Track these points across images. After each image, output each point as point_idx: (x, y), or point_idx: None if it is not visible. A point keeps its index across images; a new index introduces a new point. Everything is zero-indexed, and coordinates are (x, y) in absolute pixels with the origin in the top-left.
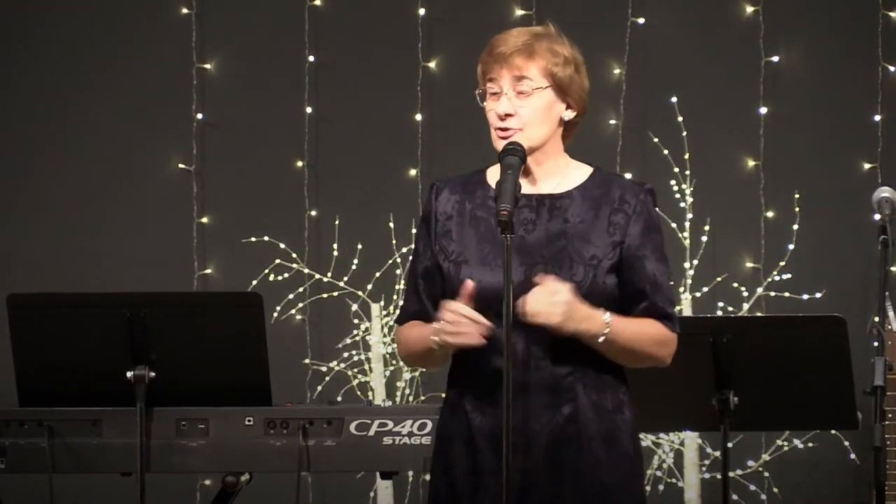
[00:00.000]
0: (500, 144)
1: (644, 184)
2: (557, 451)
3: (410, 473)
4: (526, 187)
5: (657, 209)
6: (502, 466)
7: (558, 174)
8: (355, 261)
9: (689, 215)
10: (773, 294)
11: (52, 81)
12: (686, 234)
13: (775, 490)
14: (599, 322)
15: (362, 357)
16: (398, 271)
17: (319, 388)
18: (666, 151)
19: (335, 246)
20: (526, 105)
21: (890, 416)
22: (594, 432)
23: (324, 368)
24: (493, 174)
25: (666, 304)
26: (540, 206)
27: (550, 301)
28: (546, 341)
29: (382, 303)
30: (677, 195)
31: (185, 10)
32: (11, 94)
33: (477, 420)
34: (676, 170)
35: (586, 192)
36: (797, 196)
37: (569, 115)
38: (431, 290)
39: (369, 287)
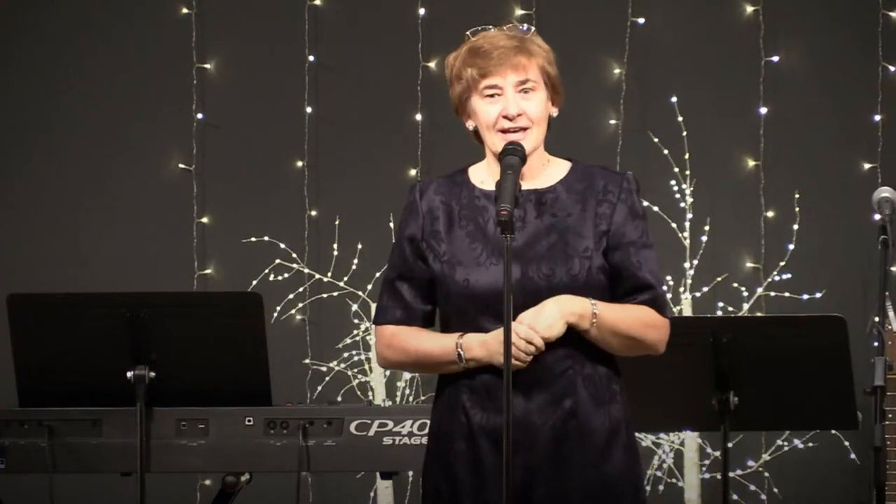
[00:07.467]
0: (501, 145)
1: (625, 172)
2: (560, 446)
3: (410, 473)
4: None
5: (640, 197)
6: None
7: (542, 171)
8: (355, 261)
9: (689, 215)
10: (773, 294)
11: (51, 81)
12: (686, 234)
13: (775, 490)
14: (588, 309)
15: (362, 357)
16: None
17: (319, 388)
18: (666, 151)
19: (335, 246)
20: (532, 102)
21: (890, 416)
22: (595, 425)
23: (324, 368)
24: (476, 172)
25: (653, 289)
26: (527, 201)
27: (541, 319)
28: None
29: None
30: (677, 195)
31: (185, 10)
32: (11, 94)
33: (477, 417)
34: (676, 170)
35: (569, 185)
36: (797, 196)
37: (555, 112)
38: (417, 289)
39: (369, 287)
